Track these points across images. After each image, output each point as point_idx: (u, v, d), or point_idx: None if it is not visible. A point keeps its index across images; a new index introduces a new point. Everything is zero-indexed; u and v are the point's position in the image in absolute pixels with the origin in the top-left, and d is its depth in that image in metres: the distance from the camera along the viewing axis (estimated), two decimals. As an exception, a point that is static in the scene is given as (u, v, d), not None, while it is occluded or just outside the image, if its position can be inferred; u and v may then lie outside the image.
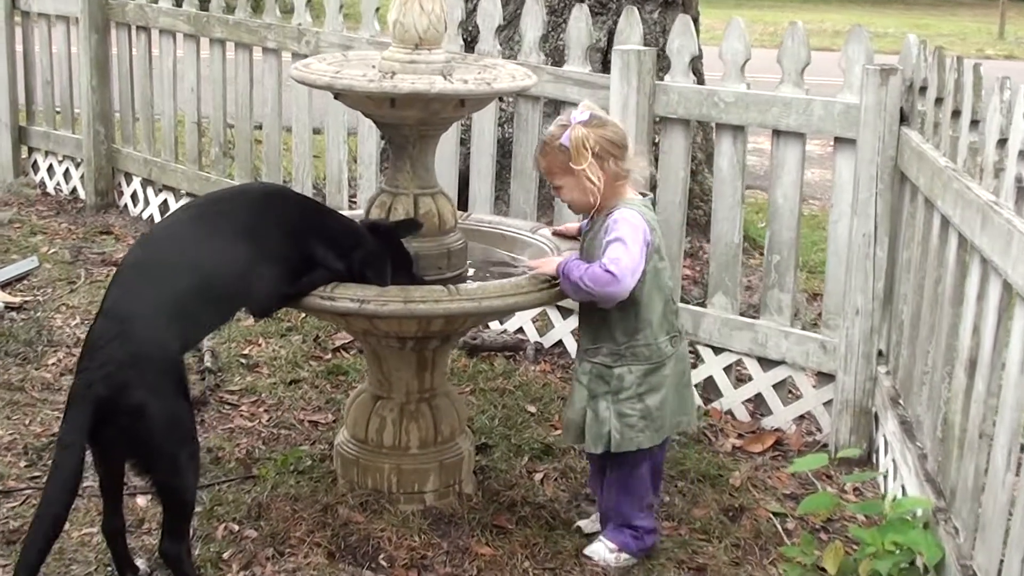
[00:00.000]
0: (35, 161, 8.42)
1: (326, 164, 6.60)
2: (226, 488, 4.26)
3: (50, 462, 4.14)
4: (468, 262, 4.17)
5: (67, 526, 3.94)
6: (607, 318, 3.75)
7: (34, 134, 8.33)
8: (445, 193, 4.08)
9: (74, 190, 8.13)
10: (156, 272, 3.42)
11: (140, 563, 3.69)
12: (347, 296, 3.60)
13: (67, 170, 8.18)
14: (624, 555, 3.89)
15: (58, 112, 8.23)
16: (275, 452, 4.55)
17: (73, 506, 4.01)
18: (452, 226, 4.04)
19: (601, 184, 3.69)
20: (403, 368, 4.05)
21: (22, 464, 4.39)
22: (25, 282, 6.43)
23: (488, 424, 4.81)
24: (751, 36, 4.70)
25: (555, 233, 4.29)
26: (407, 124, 3.88)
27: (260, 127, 7.00)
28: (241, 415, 4.94)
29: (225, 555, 3.81)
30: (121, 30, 7.62)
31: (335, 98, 3.96)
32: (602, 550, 3.91)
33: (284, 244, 3.61)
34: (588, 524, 4.09)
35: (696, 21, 7.35)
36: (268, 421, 4.88)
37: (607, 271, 3.58)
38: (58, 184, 8.25)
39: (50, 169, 8.31)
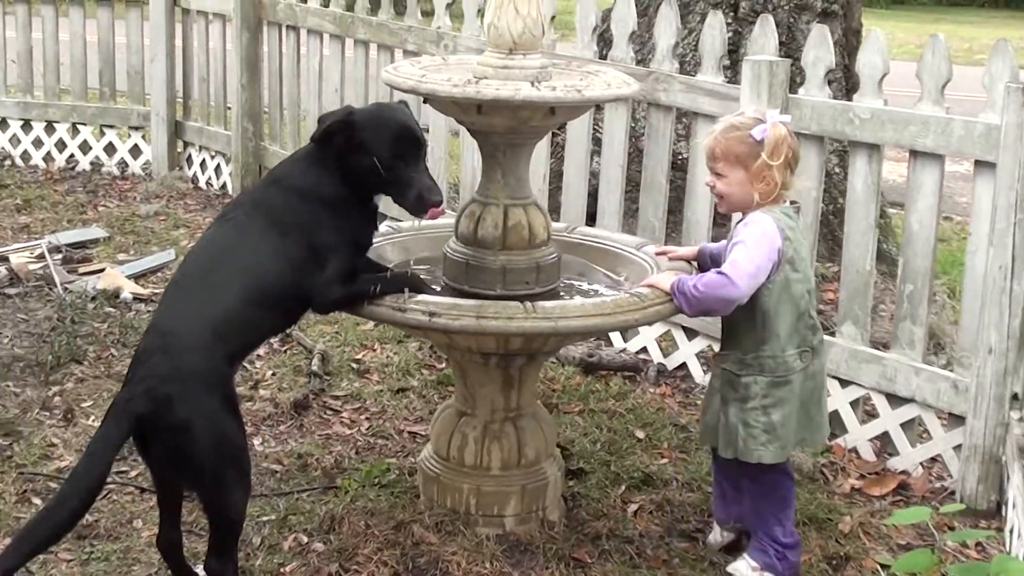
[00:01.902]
0: (189, 155, 8.53)
1: (461, 166, 6.48)
2: (305, 497, 4.15)
3: (136, 461, 4.18)
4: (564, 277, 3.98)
5: (139, 524, 3.92)
6: (736, 325, 3.66)
7: (189, 129, 8.44)
8: (539, 204, 3.88)
9: (224, 185, 8.20)
10: (197, 285, 3.34)
11: (200, 572, 3.59)
12: (418, 308, 3.43)
13: (218, 165, 8.26)
14: (766, 574, 3.74)
15: (211, 108, 8.32)
16: (365, 462, 4.42)
17: (151, 505, 4.03)
18: (544, 240, 3.84)
19: (776, 187, 3.60)
20: (487, 384, 3.87)
21: (111, 459, 4.36)
22: (159, 274, 6.47)
23: (589, 448, 4.59)
24: (946, 52, 4.36)
25: (659, 254, 4.06)
26: (496, 132, 3.70)
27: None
28: (341, 421, 4.83)
29: (287, 568, 3.70)
30: (272, 29, 7.68)
31: (424, 103, 3.80)
32: (744, 568, 3.77)
33: (326, 231, 3.44)
34: (714, 537, 3.99)
35: (858, 33, 7.03)
36: (367, 430, 4.76)
37: (720, 273, 3.49)
38: (209, 179, 8.34)
39: (202, 164, 8.40)
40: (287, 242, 3.39)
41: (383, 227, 4.19)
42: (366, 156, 3.43)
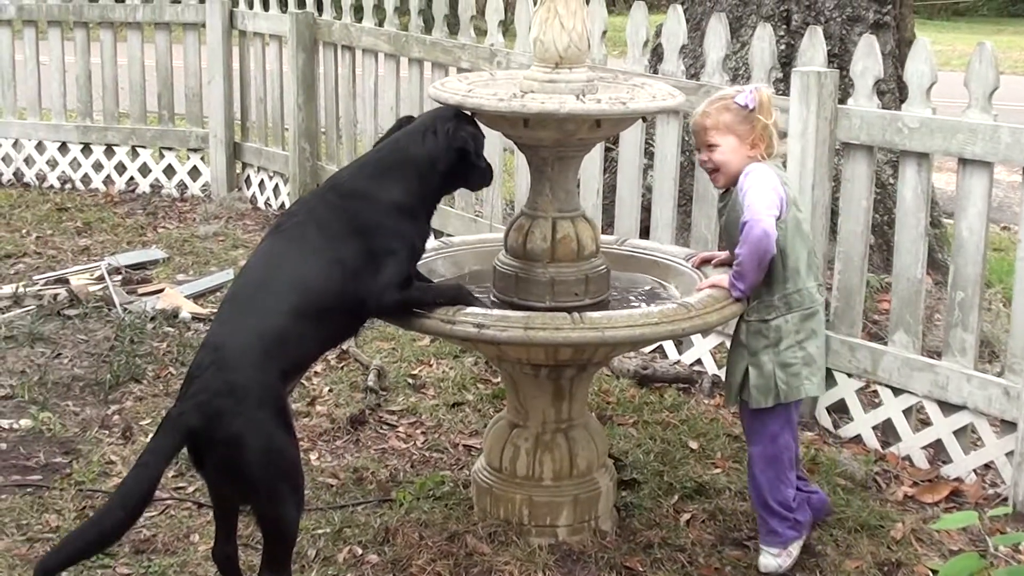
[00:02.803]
0: (248, 176, 8.66)
1: (515, 184, 6.54)
2: (360, 510, 4.21)
3: (193, 477, 4.25)
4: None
5: (196, 538, 3.99)
6: None
7: (247, 150, 8.57)
8: (587, 217, 3.93)
9: (282, 205, 8.30)
10: (250, 299, 3.38)
11: (255, 584, 3.66)
12: (467, 320, 3.49)
13: (276, 186, 8.38)
14: (790, 547, 3.86)
15: (269, 129, 8.44)
16: (420, 475, 4.48)
17: (208, 519, 4.10)
18: (592, 251, 3.89)
19: (764, 146, 3.77)
20: (539, 396, 3.92)
21: (169, 474, 4.41)
22: (218, 294, 6.56)
23: (642, 459, 4.61)
24: (1005, 62, 4.39)
25: (701, 263, 4.10)
26: (544, 145, 3.75)
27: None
28: (397, 436, 4.89)
29: (341, 579, 3.77)
30: (327, 49, 7.80)
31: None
32: (769, 561, 3.86)
33: (389, 235, 3.49)
34: None
35: (911, 44, 7.00)
36: (423, 444, 4.82)
37: (743, 223, 3.64)
38: (268, 199, 8.45)
39: (261, 184, 8.52)
40: (344, 248, 3.44)
41: (435, 242, 4.26)
42: (481, 147, 3.68)
